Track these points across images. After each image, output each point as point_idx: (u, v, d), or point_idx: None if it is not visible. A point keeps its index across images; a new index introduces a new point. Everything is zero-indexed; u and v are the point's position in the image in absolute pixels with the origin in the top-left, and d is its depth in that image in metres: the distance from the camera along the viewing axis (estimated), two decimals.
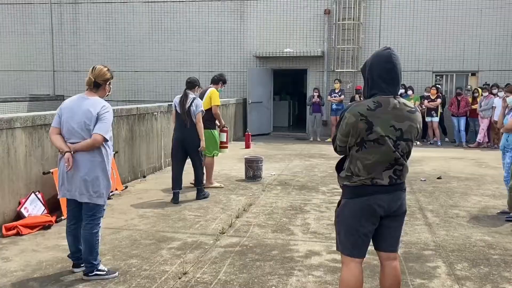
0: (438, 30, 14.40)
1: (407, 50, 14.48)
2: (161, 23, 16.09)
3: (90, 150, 3.85)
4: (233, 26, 15.64)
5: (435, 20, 14.38)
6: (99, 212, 3.99)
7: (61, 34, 16.86)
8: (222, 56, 15.80)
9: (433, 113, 13.31)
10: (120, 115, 7.68)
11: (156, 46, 16.19)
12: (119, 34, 16.40)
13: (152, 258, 4.49)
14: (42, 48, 16.99)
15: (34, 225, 5.26)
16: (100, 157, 3.91)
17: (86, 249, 3.96)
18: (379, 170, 2.82)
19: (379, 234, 2.97)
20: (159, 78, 16.33)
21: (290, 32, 15.26)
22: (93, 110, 3.84)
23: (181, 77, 16.02)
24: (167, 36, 16.09)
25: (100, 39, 16.54)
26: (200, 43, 15.87)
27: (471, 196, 7.14)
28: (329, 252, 4.65)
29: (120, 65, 16.23)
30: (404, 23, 14.56)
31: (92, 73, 3.94)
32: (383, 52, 2.86)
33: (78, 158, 3.85)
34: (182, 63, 16.10)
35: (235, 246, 4.82)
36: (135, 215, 5.96)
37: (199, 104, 6.67)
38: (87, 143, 3.82)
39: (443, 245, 4.94)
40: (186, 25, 15.92)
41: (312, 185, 7.87)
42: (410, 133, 2.84)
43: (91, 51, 16.58)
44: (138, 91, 16.50)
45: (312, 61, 15.26)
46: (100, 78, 3.94)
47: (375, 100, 2.81)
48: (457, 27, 14.30)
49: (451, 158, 10.94)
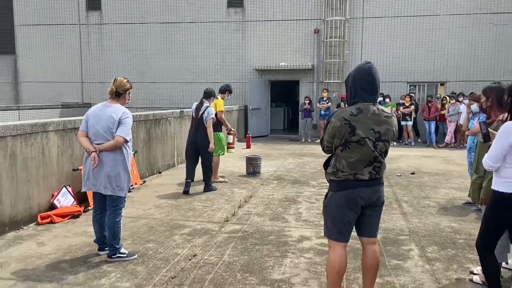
0: (412, 47, 14.40)
1: (386, 63, 14.48)
2: (174, 41, 16.08)
3: (113, 150, 3.86)
4: (236, 43, 15.64)
5: (410, 38, 14.39)
6: (121, 203, 3.99)
7: (88, 51, 16.85)
8: (227, 69, 15.80)
9: (408, 118, 13.31)
10: (139, 120, 7.67)
11: (170, 61, 16.18)
12: (138, 50, 16.39)
13: (166, 242, 4.49)
14: (72, 62, 16.97)
15: (65, 214, 5.27)
16: (121, 156, 3.91)
17: (109, 235, 3.96)
18: (361, 166, 2.82)
19: (361, 222, 2.97)
20: (172, 88, 16.32)
21: (284, 49, 15.26)
22: (115, 116, 3.85)
23: (191, 87, 16.03)
24: (180, 52, 16.08)
25: (122, 54, 16.53)
26: (208, 58, 15.87)
27: (440, 189, 7.14)
28: (318, 238, 4.65)
29: (139, 77, 16.22)
30: (383, 41, 14.56)
31: (114, 84, 3.95)
32: (364, 66, 2.86)
33: (103, 157, 3.87)
34: (192, 75, 16.09)
35: (237, 232, 4.82)
36: (152, 206, 5.97)
37: (211, 112, 6.71)
38: (111, 144, 3.83)
39: (416, 231, 4.94)
40: (196, 42, 15.91)
41: (304, 179, 7.86)
42: (387, 135, 2.85)
43: (114, 65, 16.56)
44: (154, 100, 16.49)
45: (304, 74, 15.26)
46: (121, 88, 3.95)
47: (357, 107, 2.82)
48: (428, 44, 14.30)
49: (423, 156, 10.93)
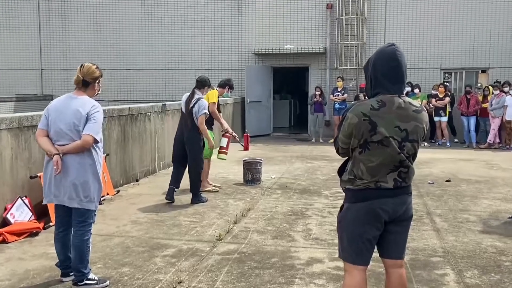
0: (446, 25, 14.42)
1: (414, 46, 14.50)
2: (155, 18, 16.11)
3: (79, 152, 3.85)
4: (231, 21, 15.66)
5: (443, 14, 14.40)
6: (90, 218, 3.99)
7: (49, 30, 16.87)
8: (219, 52, 15.82)
9: (441, 113, 13.33)
10: (111, 116, 7.68)
11: (149, 43, 16.21)
12: (110, 30, 16.42)
13: (145, 266, 4.49)
14: (28, 44, 16.99)
15: (20, 232, 5.25)
16: (90, 160, 3.90)
17: (76, 257, 3.95)
18: (383, 172, 2.83)
19: (384, 240, 2.97)
20: (152, 76, 16.34)
21: (290, 28, 15.28)
22: (82, 110, 3.84)
23: (175, 75, 16.06)
24: (161, 32, 16.11)
25: (91, 35, 16.55)
26: (196, 39, 15.89)
27: (482, 200, 7.15)
28: (331, 260, 4.66)
29: (111, 63, 16.24)
30: (411, 18, 14.59)
31: (81, 71, 3.95)
32: (387, 48, 2.86)
33: (67, 161, 3.85)
34: (177, 60, 16.12)
35: (232, 254, 4.82)
36: (128, 221, 5.96)
37: (203, 105, 6.75)
38: (77, 145, 3.82)
39: (452, 251, 4.95)
40: (181, 19, 15.94)
41: (314, 188, 7.87)
42: (416, 134, 2.85)
43: (80, 48, 16.59)
44: (130, 90, 16.52)
45: (314, 58, 15.29)
46: (89, 76, 3.95)
47: (379, 100, 2.82)
48: (466, 21, 14.32)
49: (461, 159, 10.95)
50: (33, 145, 5.81)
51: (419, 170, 9.37)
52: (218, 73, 15.71)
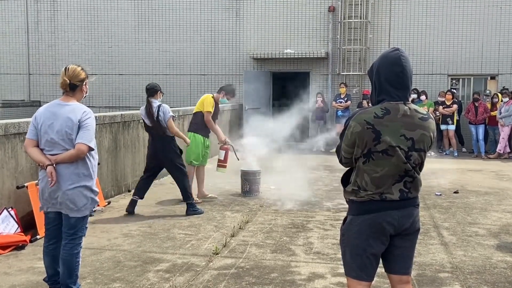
0: (454, 29, 14.50)
1: (420, 51, 14.57)
2: (148, 21, 16.16)
3: (73, 161, 3.85)
4: (228, 25, 15.73)
5: (451, 18, 14.48)
6: (81, 231, 3.98)
7: (37, 33, 16.91)
8: (216, 57, 15.86)
9: (449, 121, 13.36)
10: (102, 123, 7.68)
11: (143, 47, 16.25)
12: (102, 34, 16.46)
13: (137, 281, 4.47)
14: (16, 48, 17.02)
15: (6, 245, 5.23)
16: (84, 169, 3.91)
17: (65, 271, 3.93)
18: (389, 183, 2.83)
19: (390, 255, 2.97)
20: (146, 81, 16.16)
21: (290, 32, 15.35)
22: (73, 118, 3.84)
23: (170, 80, 16.08)
24: (155, 36, 16.16)
25: (81, 39, 16.60)
26: (192, 43, 15.94)
27: (491, 212, 7.15)
28: (334, 275, 4.65)
29: (103, 68, 16.27)
30: (417, 21, 14.66)
31: (66, 74, 3.92)
32: (391, 53, 2.88)
33: (61, 171, 3.84)
34: (172, 65, 16.15)
35: (230, 268, 4.81)
36: (119, 234, 5.95)
37: (166, 110, 6.80)
38: (71, 154, 3.82)
39: (461, 266, 4.94)
40: (176, 23, 16.00)
41: (316, 200, 7.86)
42: (422, 143, 2.85)
43: (70, 52, 16.62)
44: (123, 96, 16.53)
45: (315, 63, 15.34)
46: (75, 79, 3.93)
47: (383, 107, 2.83)
48: (475, 25, 14.39)
49: (469, 170, 10.96)
50: (20, 153, 5.80)
51: (425, 181, 9.33)
52: (215, 78, 15.77)
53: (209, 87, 15.83)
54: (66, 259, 3.92)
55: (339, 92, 14.23)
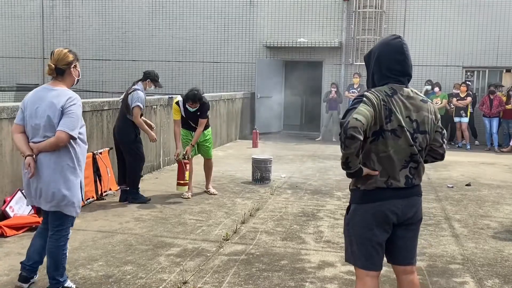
0: (470, 20, 14.30)
1: (435, 42, 14.42)
2: (163, 8, 16.13)
3: (55, 150, 3.63)
4: (242, 12, 15.65)
5: (467, 9, 14.29)
6: (67, 222, 3.77)
7: (52, 18, 16.96)
8: (229, 45, 15.81)
9: (462, 113, 13.23)
10: (116, 108, 7.69)
11: (156, 33, 16.24)
12: (116, 19, 16.46)
13: (148, 265, 4.51)
14: (31, 33, 17.08)
15: (20, 226, 5.29)
16: (67, 159, 3.68)
17: (51, 263, 3.76)
18: (396, 168, 2.82)
19: (393, 246, 2.96)
20: (159, 68, 16.30)
21: (304, 21, 15.24)
22: (57, 103, 3.63)
23: (183, 67, 16.08)
24: (169, 22, 16.13)
25: (95, 24, 16.60)
26: (205, 30, 15.90)
27: (504, 206, 7.10)
28: (344, 264, 4.64)
29: (116, 54, 16.30)
30: (432, 12, 14.48)
31: (51, 58, 3.73)
32: (394, 41, 2.88)
33: (42, 161, 3.65)
34: (184, 52, 16.13)
35: (240, 254, 4.83)
36: (131, 218, 5.99)
37: (136, 97, 6.53)
38: (50, 142, 3.60)
39: (472, 258, 4.92)
40: (190, 10, 15.95)
41: (326, 189, 7.86)
42: (426, 125, 2.86)
43: (85, 37, 16.65)
44: None
45: (329, 53, 15.24)
46: (61, 62, 3.71)
47: (390, 87, 2.85)
48: (491, 16, 14.18)
49: (482, 163, 10.88)
50: None
51: (437, 173, 9.34)
52: (227, 66, 15.74)
53: (222, 75, 15.83)
54: (52, 250, 3.75)
55: (352, 82, 14.13)
